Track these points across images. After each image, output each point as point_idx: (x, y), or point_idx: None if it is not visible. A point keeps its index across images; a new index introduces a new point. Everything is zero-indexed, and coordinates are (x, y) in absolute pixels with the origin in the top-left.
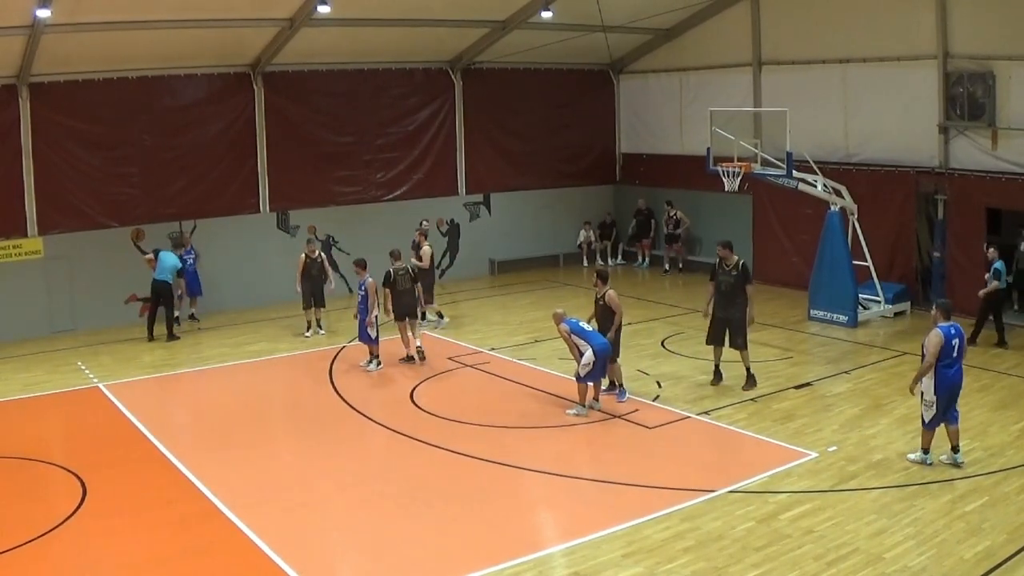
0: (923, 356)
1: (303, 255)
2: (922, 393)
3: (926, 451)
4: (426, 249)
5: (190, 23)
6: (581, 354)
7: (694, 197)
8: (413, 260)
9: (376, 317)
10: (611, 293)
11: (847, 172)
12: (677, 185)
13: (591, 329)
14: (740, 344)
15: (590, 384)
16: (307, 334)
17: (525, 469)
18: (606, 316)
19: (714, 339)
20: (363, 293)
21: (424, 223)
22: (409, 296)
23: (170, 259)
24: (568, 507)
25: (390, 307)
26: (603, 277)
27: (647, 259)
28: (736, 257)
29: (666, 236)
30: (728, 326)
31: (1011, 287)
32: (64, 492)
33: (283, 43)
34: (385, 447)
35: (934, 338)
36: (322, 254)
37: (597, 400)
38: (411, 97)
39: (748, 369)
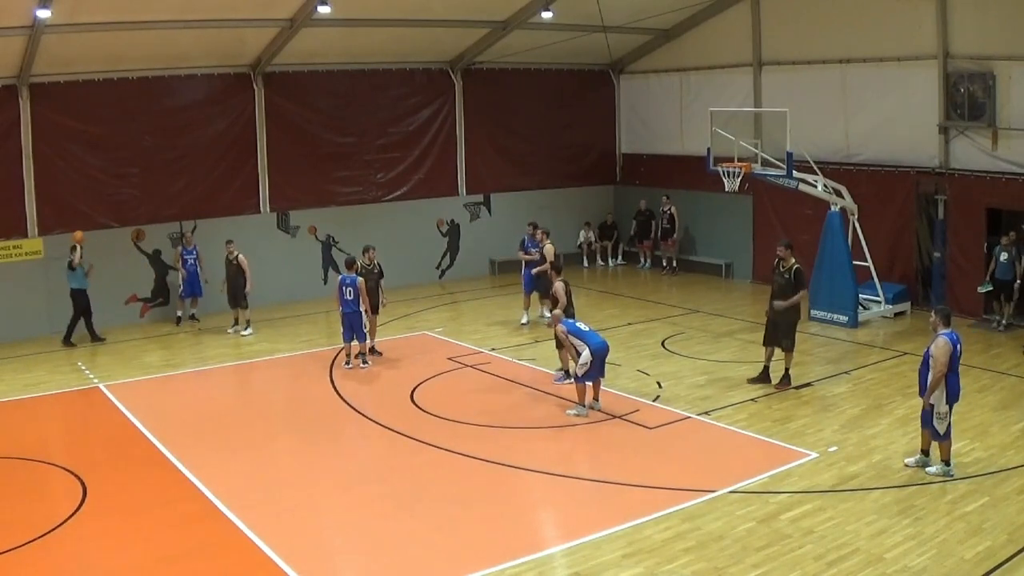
0: (922, 364)
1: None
2: (932, 406)
3: (947, 462)
4: (549, 248)
5: (190, 23)
6: (579, 354)
7: (694, 197)
8: (537, 254)
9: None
10: (558, 285)
11: (847, 172)
12: (677, 185)
13: (588, 329)
14: (785, 346)
15: (588, 384)
16: (238, 331)
17: (525, 469)
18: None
19: (765, 338)
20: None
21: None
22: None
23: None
24: (568, 507)
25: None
26: (557, 270)
27: (649, 260)
28: (793, 260)
29: (661, 231)
30: (777, 328)
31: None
32: (64, 492)
33: (283, 43)
34: (385, 447)
35: (944, 347)
36: (239, 256)
37: (597, 400)
38: (411, 97)
39: (787, 369)
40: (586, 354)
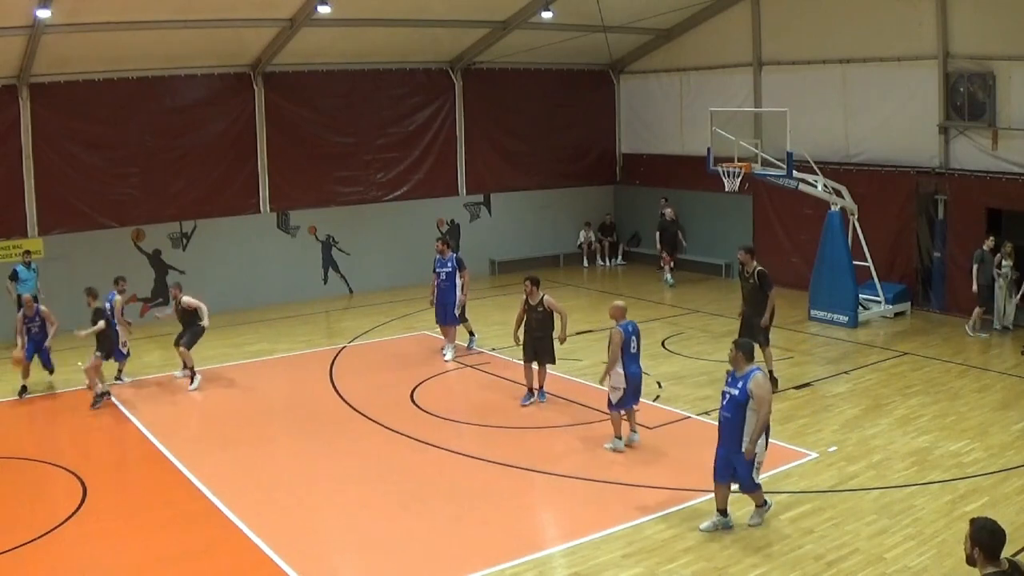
0: (728, 409)
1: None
2: (754, 455)
3: (765, 502)
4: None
5: (190, 23)
6: (615, 372)
7: (694, 197)
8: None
9: None
10: (549, 298)
11: (847, 172)
12: (677, 185)
13: (635, 351)
14: (761, 342)
15: (622, 412)
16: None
17: (525, 469)
18: (546, 323)
19: (740, 335)
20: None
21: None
22: None
23: (23, 274)
24: (568, 507)
25: None
26: (536, 282)
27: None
28: (755, 263)
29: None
30: (752, 324)
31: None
32: (64, 492)
33: (283, 43)
34: (385, 447)
35: (765, 383)
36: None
37: (635, 432)
38: (411, 97)
39: (771, 371)
40: (619, 379)
